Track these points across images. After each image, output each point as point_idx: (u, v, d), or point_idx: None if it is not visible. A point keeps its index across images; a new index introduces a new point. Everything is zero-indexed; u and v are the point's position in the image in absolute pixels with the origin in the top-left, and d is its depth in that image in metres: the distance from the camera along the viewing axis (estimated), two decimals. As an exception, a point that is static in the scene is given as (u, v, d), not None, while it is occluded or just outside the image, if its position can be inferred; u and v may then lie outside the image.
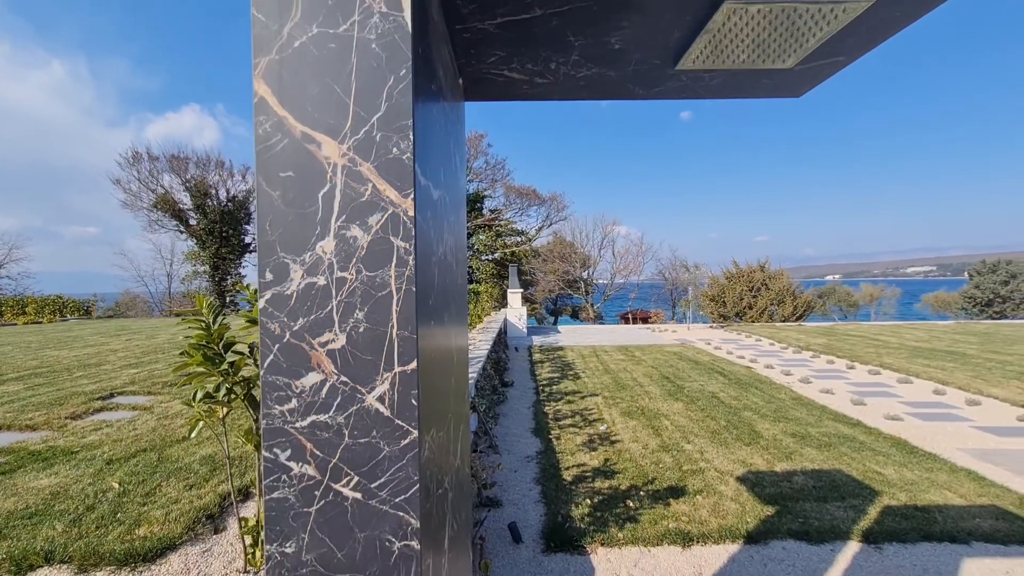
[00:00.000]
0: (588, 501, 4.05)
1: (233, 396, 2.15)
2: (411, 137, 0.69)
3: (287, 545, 0.71)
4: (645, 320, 29.56)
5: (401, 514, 0.71)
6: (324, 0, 0.69)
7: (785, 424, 6.15)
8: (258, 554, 2.27)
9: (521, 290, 16.84)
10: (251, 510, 3.30)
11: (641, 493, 4.22)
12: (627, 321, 31.07)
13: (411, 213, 0.70)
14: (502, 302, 20.77)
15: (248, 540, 2.31)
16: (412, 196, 0.70)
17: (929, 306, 39.31)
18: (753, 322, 24.06)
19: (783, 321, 24.15)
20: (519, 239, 28.05)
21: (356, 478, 0.71)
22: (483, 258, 26.10)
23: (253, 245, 30.84)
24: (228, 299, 29.07)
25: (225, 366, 2.12)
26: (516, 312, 16.27)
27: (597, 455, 5.12)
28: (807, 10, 0.81)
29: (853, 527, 3.62)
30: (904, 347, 12.70)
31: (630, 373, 9.57)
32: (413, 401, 0.72)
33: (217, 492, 3.25)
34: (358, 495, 0.71)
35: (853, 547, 3.42)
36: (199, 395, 2.08)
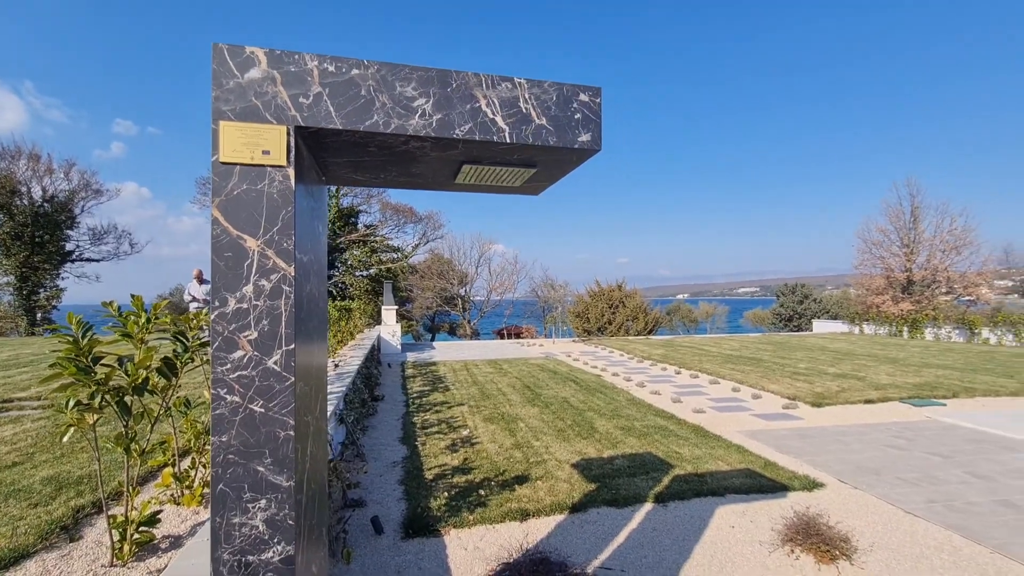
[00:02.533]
0: (446, 494, 4.59)
1: (105, 404, 2.31)
2: (293, 237, 1.26)
3: (223, 436, 1.19)
4: (518, 335, 31.16)
5: (285, 418, 1.22)
6: (250, 172, 1.22)
7: (617, 420, 7.32)
8: (126, 548, 2.41)
9: (396, 307, 16.98)
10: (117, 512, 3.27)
11: (492, 483, 4.88)
12: (502, 337, 32.43)
13: (292, 273, 1.29)
14: (377, 319, 20.60)
15: (116, 535, 2.43)
16: (293, 265, 1.25)
17: (749, 321, 46.89)
18: (612, 336, 26.74)
19: (637, 335, 27.18)
20: (395, 255, 27.98)
21: (261, 401, 1.21)
22: (357, 274, 25.55)
23: (77, 253, 26.51)
24: (41, 315, 24.57)
25: (101, 375, 2.29)
26: (390, 329, 16.36)
27: (458, 456, 5.70)
28: (506, 171, 1.54)
29: (650, 492, 4.65)
30: (721, 355, 15.30)
31: (496, 384, 10.37)
32: (292, 363, 1.25)
33: (69, 506, 3.16)
34: (262, 410, 1.21)
35: (648, 507, 4.41)
36: (71, 403, 2.22)
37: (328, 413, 4.80)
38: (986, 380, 10.45)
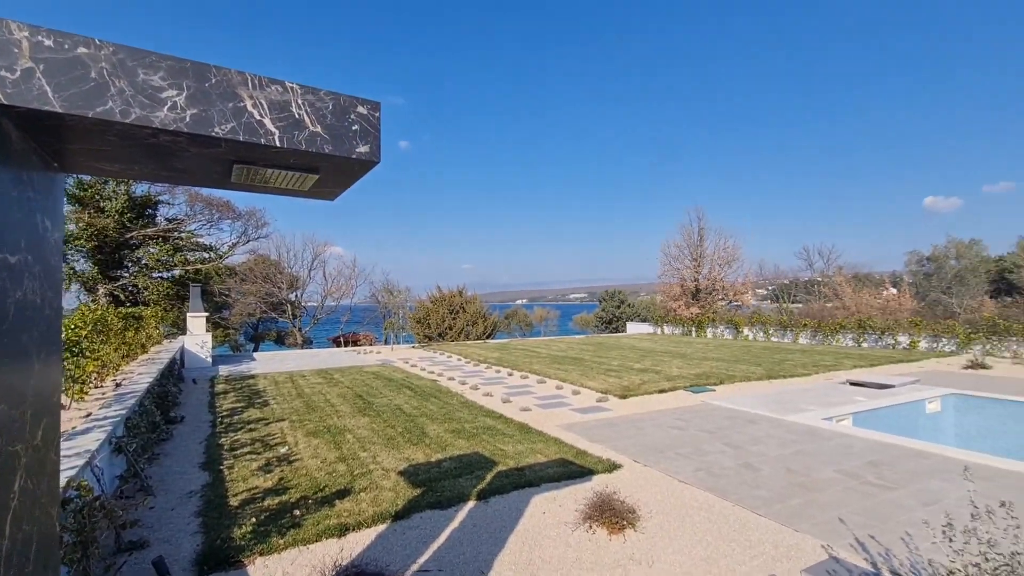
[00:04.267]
0: (253, 520, 4.17)
1: None
2: (-11, 234, 1.01)
3: None
4: (355, 343, 29.69)
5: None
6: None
7: (449, 424, 7.44)
8: None
9: (206, 314, 14.86)
10: None
11: (310, 501, 4.57)
12: (338, 345, 30.57)
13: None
14: (182, 328, 17.78)
15: None
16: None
17: (577, 324, 51.54)
18: (452, 341, 27.09)
19: (477, 339, 27.97)
20: (207, 255, 24.45)
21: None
22: (155, 275, 21.68)
23: None
24: None
25: None
26: (198, 339, 14.24)
27: (272, 477, 5.22)
28: (287, 175, 1.52)
29: (473, 491, 4.82)
30: (550, 356, 16.56)
31: (324, 395, 9.75)
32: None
33: None
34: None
35: (471, 505, 4.57)
36: None
37: (99, 442, 4.02)
38: (743, 368, 13.09)
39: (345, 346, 28.14)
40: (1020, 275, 27.75)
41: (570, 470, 5.41)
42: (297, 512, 4.33)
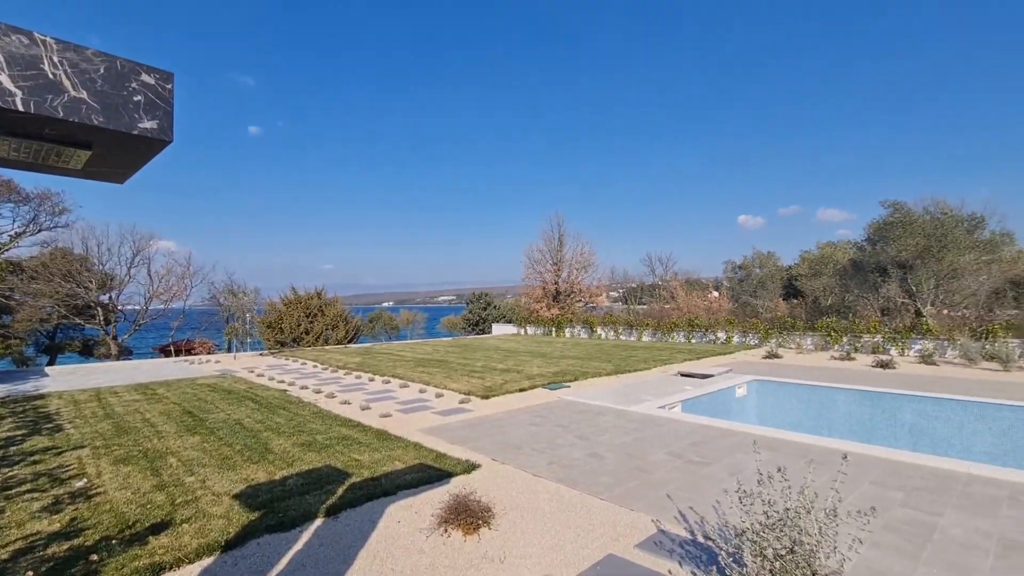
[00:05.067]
0: (30, 574, 3.38)
1: None
2: None
3: None
4: (189, 352, 26.07)
5: None
6: None
7: (298, 436, 6.85)
8: None
9: (-25, 320, 11.76)
10: None
11: (114, 542, 3.84)
12: (168, 354, 26.61)
13: None
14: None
15: None
16: None
17: (445, 327, 51.47)
18: (309, 347, 25.13)
19: (338, 344, 26.29)
20: (-21, 247, 19.45)
21: None
22: None
23: None
24: None
25: None
26: (-39, 352, 11.21)
27: (62, 517, 4.29)
28: (47, 148, 1.25)
29: (322, 507, 4.48)
30: (414, 359, 16.21)
31: (142, 414, 8.33)
32: None
33: None
34: None
35: (318, 522, 4.23)
36: None
37: None
38: (596, 365, 14.19)
39: (177, 356, 24.54)
40: (803, 282, 34.46)
41: (428, 475, 5.32)
42: (95, 557, 3.61)
